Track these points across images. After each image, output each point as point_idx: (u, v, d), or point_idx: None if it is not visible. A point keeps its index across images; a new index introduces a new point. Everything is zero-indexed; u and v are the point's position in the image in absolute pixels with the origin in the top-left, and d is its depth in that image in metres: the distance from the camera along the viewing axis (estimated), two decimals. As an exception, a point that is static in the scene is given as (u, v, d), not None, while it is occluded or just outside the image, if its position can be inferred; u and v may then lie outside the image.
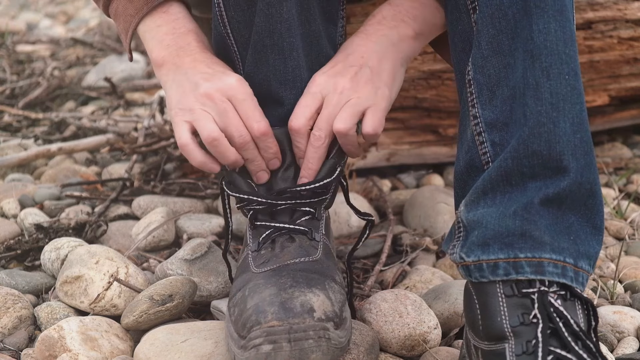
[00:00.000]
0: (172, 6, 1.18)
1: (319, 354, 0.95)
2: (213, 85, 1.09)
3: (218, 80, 1.09)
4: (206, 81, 1.10)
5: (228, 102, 1.09)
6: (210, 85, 1.09)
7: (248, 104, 1.09)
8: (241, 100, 1.09)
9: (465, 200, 1.01)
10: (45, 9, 4.65)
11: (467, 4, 1.04)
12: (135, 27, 1.17)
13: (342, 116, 1.11)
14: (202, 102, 1.09)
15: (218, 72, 1.11)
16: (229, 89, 1.09)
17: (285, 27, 1.09)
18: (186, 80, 1.12)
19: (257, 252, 1.11)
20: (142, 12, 1.16)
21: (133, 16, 1.17)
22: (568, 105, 0.96)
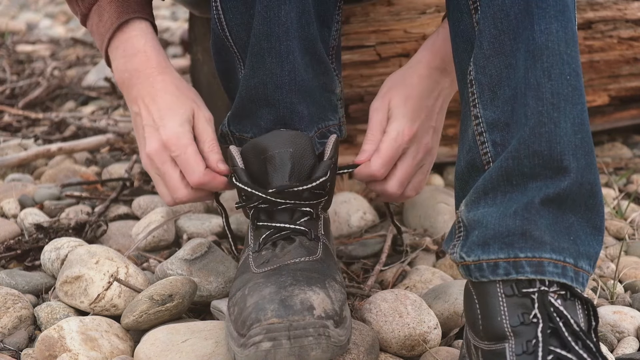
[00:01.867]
0: (129, 25, 1.17)
1: (319, 352, 0.95)
2: (153, 144, 1.15)
3: (156, 138, 1.15)
4: (149, 138, 1.16)
5: (165, 162, 1.16)
6: (151, 145, 1.15)
7: (183, 158, 1.15)
8: (177, 156, 1.15)
9: (466, 200, 1.01)
10: (45, 9, 4.65)
11: (469, 4, 1.04)
12: (106, 48, 1.19)
13: (417, 181, 1.23)
14: (149, 164, 1.18)
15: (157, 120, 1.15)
16: (165, 146, 1.15)
17: (282, 31, 1.10)
18: (139, 128, 1.18)
19: (257, 252, 1.11)
20: (110, 32, 1.17)
21: (103, 35, 1.19)
22: (569, 105, 0.96)
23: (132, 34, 1.16)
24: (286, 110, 1.15)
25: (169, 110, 1.15)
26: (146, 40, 1.17)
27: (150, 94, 1.15)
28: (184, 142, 1.15)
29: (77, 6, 1.21)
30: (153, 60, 1.17)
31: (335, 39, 1.22)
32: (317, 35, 1.15)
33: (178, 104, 1.16)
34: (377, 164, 1.17)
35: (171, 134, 1.14)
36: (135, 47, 1.16)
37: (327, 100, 1.22)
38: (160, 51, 1.19)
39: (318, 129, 1.20)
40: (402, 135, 1.18)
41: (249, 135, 1.19)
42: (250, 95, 1.15)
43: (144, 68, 1.16)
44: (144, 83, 1.15)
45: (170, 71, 1.19)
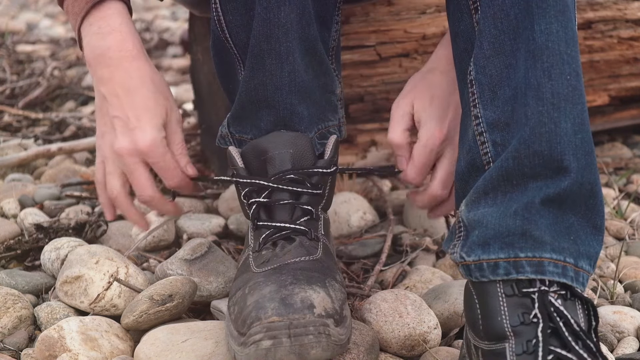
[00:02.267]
0: (104, 4, 1.15)
1: (319, 350, 0.95)
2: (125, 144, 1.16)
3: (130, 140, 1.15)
4: (122, 135, 1.15)
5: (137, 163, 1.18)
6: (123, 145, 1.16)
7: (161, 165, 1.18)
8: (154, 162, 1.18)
9: (466, 200, 1.01)
10: (45, 9, 4.65)
11: (469, 4, 1.04)
12: (79, 26, 1.17)
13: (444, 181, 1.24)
14: (115, 159, 1.19)
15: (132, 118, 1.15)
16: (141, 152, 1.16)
17: (282, 32, 1.10)
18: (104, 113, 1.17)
19: (257, 252, 1.11)
20: (84, 10, 1.16)
21: (77, 14, 1.17)
22: (569, 105, 0.96)
23: (108, 12, 1.15)
24: (286, 111, 1.15)
25: (146, 111, 1.15)
26: (122, 20, 1.15)
27: (125, 83, 1.13)
28: (161, 151, 1.17)
29: None
30: (129, 42, 1.15)
31: (335, 39, 1.22)
32: (318, 36, 1.15)
33: (154, 103, 1.16)
34: (412, 172, 1.21)
35: (149, 141, 1.15)
36: (111, 26, 1.14)
37: (327, 101, 1.22)
38: (135, 34, 1.17)
39: (318, 130, 1.20)
40: (434, 139, 1.19)
41: (249, 137, 1.18)
42: (250, 97, 1.15)
43: (118, 48, 1.13)
44: (118, 66, 1.13)
45: (145, 58, 1.18)
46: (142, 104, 1.14)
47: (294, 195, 1.13)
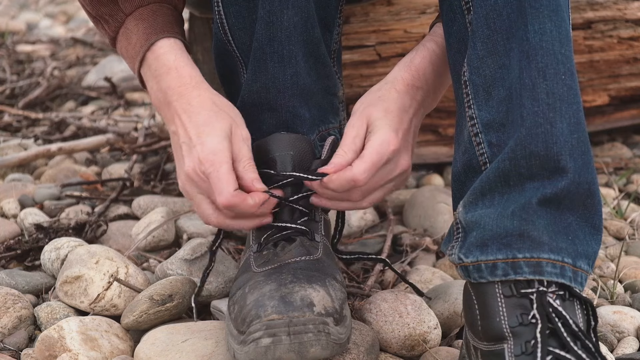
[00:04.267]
0: (157, 44, 1.12)
1: (318, 348, 0.95)
2: (190, 163, 1.06)
3: (194, 156, 1.06)
4: (187, 156, 1.07)
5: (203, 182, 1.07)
6: (189, 165, 1.06)
7: (215, 176, 1.04)
8: (210, 173, 1.05)
9: (464, 201, 1.01)
10: (45, 9, 4.65)
11: (462, 5, 1.04)
12: (139, 70, 1.14)
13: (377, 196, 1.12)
14: (189, 184, 1.09)
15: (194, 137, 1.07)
16: (200, 165, 1.05)
17: (285, 35, 1.10)
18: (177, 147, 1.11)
19: (258, 252, 1.11)
20: (140, 55, 1.13)
21: (134, 58, 1.14)
22: (565, 105, 0.96)
23: (161, 52, 1.11)
24: (288, 114, 1.15)
25: (207, 126, 1.07)
26: (176, 57, 1.11)
27: (187, 111, 1.08)
28: (219, 159, 1.04)
29: (104, 30, 1.17)
30: (186, 77, 1.10)
31: (336, 42, 1.22)
32: (321, 39, 1.16)
33: (216, 119, 1.08)
34: (361, 168, 1.06)
35: (208, 150, 1.05)
36: (166, 65, 1.11)
37: (329, 103, 1.22)
38: (192, 66, 1.13)
39: (319, 132, 1.21)
40: (388, 144, 1.07)
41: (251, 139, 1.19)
42: (252, 100, 1.15)
43: (177, 85, 1.10)
44: (180, 100, 1.09)
45: (205, 86, 1.12)
46: (203, 122, 1.07)
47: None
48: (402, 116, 1.11)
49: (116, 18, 1.15)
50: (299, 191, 1.13)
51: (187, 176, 1.08)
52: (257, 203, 1.06)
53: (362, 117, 1.10)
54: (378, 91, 1.13)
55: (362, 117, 1.10)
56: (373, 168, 1.07)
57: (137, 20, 1.13)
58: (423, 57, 1.13)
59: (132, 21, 1.13)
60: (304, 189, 1.13)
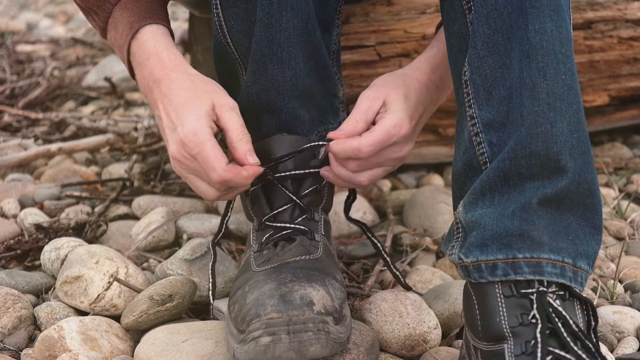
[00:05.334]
0: (140, 31, 1.13)
1: (318, 347, 0.95)
2: (173, 146, 1.08)
3: (176, 139, 1.07)
4: (170, 139, 1.09)
5: (191, 161, 1.08)
6: (172, 147, 1.08)
7: (202, 156, 1.05)
8: (196, 154, 1.06)
9: (464, 201, 1.01)
10: (45, 9, 4.65)
11: (463, 4, 1.04)
12: (127, 59, 1.16)
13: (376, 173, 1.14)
14: (177, 166, 1.10)
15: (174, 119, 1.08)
16: (184, 145, 1.06)
17: (284, 37, 1.10)
18: (162, 131, 1.12)
19: (259, 252, 1.12)
20: (126, 44, 1.14)
21: (122, 47, 1.16)
22: (565, 105, 0.96)
23: (144, 39, 1.13)
24: (288, 115, 1.16)
25: (185, 106, 1.08)
26: (156, 42, 1.13)
27: (167, 94, 1.10)
28: (201, 139, 1.05)
29: (95, 21, 1.19)
30: (165, 60, 1.12)
31: (335, 43, 1.23)
32: (321, 40, 1.16)
33: (194, 97, 1.09)
34: (368, 140, 1.08)
35: (188, 130, 1.05)
36: (148, 51, 1.13)
37: (329, 104, 1.23)
38: (171, 50, 1.14)
39: (318, 132, 1.21)
40: (401, 128, 1.10)
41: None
42: (252, 101, 1.15)
43: (157, 69, 1.11)
44: (160, 84, 1.11)
45: (184, 67, 1.13)
46: (182, 104, 1.08)
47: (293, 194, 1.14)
48: (418, 107, 1.15)
49: (104, 9, 1.16)
50: (302, 186, 1.15)
51: (174, 159, 1.10)
52: (251, 175, 1.07)
53: (380, 94, 1.13)
54: (402, 76, 1.16)
55: (380, 94, 1.13)
56: (379, 145, 1.09)
57: (123, 9, 1.15)
58: (443, 55, 1.15)
59: (118, 10, 1.15)
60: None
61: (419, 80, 1.15)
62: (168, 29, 1.16)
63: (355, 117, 1.11)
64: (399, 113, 1.11)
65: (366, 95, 1.14)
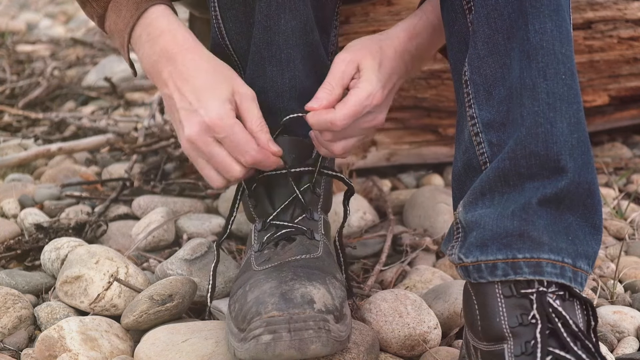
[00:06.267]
0: (148, 10, 1.12)
1: (319, 345, 0.95)
2: (193, 127, 1.07)
3: (195, 121, 1.06)
4: (187, 121, 1.07)
5: (210, 144, 1.07)
6: (191, 129, 1.07)
7: (232, 139, 1.06)
8: (224, 137, 1.06)
9: (464, 201, 1.01)
10: (45, 9, 4.65)
11: (463, 4, 1.04)
12: (128, 42, 1.13)
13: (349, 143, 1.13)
14: (191, 148, 1.09)
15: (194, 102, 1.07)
16: (208, 128, 1.06)
17: (283, 39, 1.10)
18: (173, 111, 1.10)
19: (259, 252, 1.12)
20: (130, 25, 1.12)
21: (123, 31, 1.13)
22: (565, 105, 0.96)
23: (153, 17, 1.11)
24: (287, 116, 1.16)
25: (206, 90, 1.07)
26: (169, 21, 1.11)
27: (183, 74, 1.08)
28: (229, 123, 1.06)
29: (93, 8, 1.16)
30: (180, 38, 1.10)
31: (333, 44, 1.23)
32: (319, 42, 1.16)
33: (215, 82, 1.08)
34: (342, 113, 1.07)
35: (214, 115, 1.05)
36: (159, 28, 1.10)
37: None
38: (185, 29, 1.12)
39: None
40: (373, 98, 1.09)
41: None
42: None
43: (171, 47, 1.09)
44: (174, 63, 1.09)
45: (200, 48, 1.11)
46: (202, 86, 1.07)
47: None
48: (391, 75, 1.13)
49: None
50: (299, 184, 1.16)
51: (190, 142, 1.08)
52: (277, 161, 1.11)
53: (355, 58, 1.11)
54: (379, 42, 1.14)
55: (355, 57, 1.11)
56: (353, 116, 1.08)
57: None
58: (424, 26, 1.15)
59: None
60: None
61: (395, 49, 1.14)
62: (175, 10, 1.15)
63: (331, 83, 1.10)
64: (372, 81, 1.10)
65: (341, 58, 1.11)
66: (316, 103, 1.08)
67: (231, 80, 1.09)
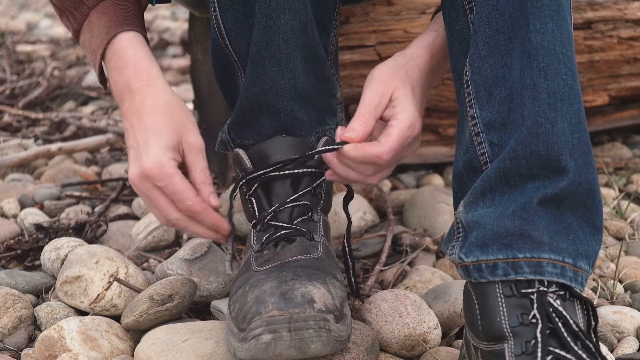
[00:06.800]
0: (117, 37, 1.12)
1: (319, 344, 0.95)
2: (135, 171, 1.09)
3: (138, 166, 1.08)
4: (132, 163, 1.10)
5: (151, 189, 1.09)
6: (133, 172, 1.09)
7: (171, 188, 1.08)
8: (163, 186, 1.08)
9: (464, 200, 1.01)
10: (45, 9, 4.65)
11: (464, 5, 1.04)
12: (100, 62, 1.15)
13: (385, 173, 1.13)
14: (135, 187, 1.11)
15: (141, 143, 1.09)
16: (147, 176, 1.08)
17: (282, 39, 1.10)
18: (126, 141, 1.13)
19: (259, 252, 1.12)
20: (101, 48, 1.13)
21: (96, 51, 1.15)
22: (566, 105, 0.96)
23: (121, 46, 1.12)
24: (287, 117, 1.16)
25: (153, 134, 1.09)
26: (135, 50, 1.12)
27: (139, 111, 1.10)
28: (167, 172, 1.07)
29: (69, 22, 1.18)
30: (143, 72, 1.11)
31: (333, 44, 1.23)
32: (319, 42, 1.16)
33: (164, 127, 1.09)
34: (388, 147, 1.06)
35: (153, 163, 1.07)
36: (125, 59, 1.11)
37: (327, 105, 1.23)
38: (150, 60, 1.13)
39: (316, 133, 1.21)
40: (414, 127, 1.09)
41: (250, 142, 1.19)
42: (251, 104, 1.16)
43: (134, 81, 1.11)
44: (133, 98, 1.10)
45: (162, 84, 1.12)
46: (151, 128, 1.09)
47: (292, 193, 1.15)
48: (422, 98, 1.14)
49: (80, 11, 1.15)
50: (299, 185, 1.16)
51: (132, 182, 1.10)
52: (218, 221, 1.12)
53: (387, 89, 1.10)
54: (404, 66, 1.13)
55: (387, 89, 1.10)
56: (399, 148, 1.08)
57: (100, 13, 1.13)
58: (442, 42, 1.14)
59: (95, 14, 1.14)
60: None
61: (420, 70, 1.13)
62: (144, 37, 1.15)
63: (365, 115, 1.08)
64: (410, 111, 1.09)
65: (374, 90, 1.10)
66: (353, 134, 1.06)
67: (182, 127, 1.11)
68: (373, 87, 1.10)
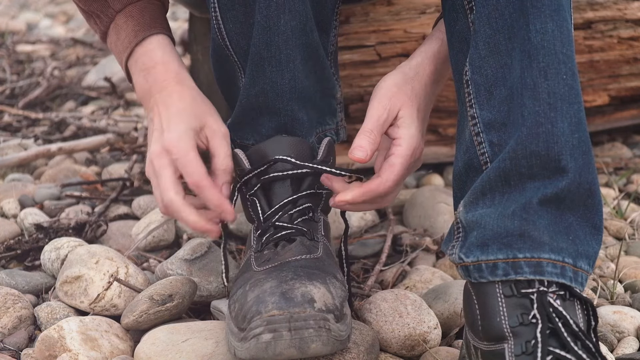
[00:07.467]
0: (146, 40, 1.16)
1: (319, 344, 0.95)
2: (155, 148, 1.10)
3: (159, 142, 1.10)
4: (154, 142, 1.11)
5: (164, 166, 1.09)
6: (154, 148, 1.10)
7: (183, 161, 1.08)
8: (177, 159, 1.09)
9: (464, 200, 1.01)
10: (45, 9, 4.65)
11: (464, 4, 1.04)
12: (126, 62, 1.18)
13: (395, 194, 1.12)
14: (149, 167, 1.11)
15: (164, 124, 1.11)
16: (167, 150, 1.09)
17: (282, 40, 1.10)
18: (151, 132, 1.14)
19: (259, 252, 1.12)
20: (127, 51, 1.17)
21: (122, 53, 1.18)
22: (566, 105, 0.96)
23: (150, 47, 1.16)
24: (287, 117, 1.16)
25: (177, 116, 1.11)
26: (164, 52, 1.16)
27: (166, 102, 1.13)
28: (185, 147, 1.08)
29: (96, 25, 1.21)
30: (171, 72, 1.15)
31: (333, 44, 1.23)
32: (319, 42, 1.16)
33: (188, 111, 1.12)
34: (391, 182, 1.07)
35: (173, 138, 1.09)
36: (154, 60, 1.15)
37: (327, 105, 1.23)
38: (179, 62, 1.17)
39: (316, 134, 1.21)
40: (416, 150, 1.10)
41: (250, 142, 1.19)
42: (251, 104, 1.16)
43: (162, 79, 1.14)
44: (162, 92, 1.14)
45: (189, 83, 1.16)
46: (176, 112, 1.12)
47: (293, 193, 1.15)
48: (426, 116, 1.14)
49: (107, 14, 1.18)
50: (301, 186, 1.15)
51: (149, 160, 1.11)
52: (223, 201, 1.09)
53: (395, 106, 1.10)
54: (411, 81, 1.12)
55: (394, 105, 1.10)
56: (403, 178, 1.09)
57: (127, 17, 1.17)
58: (446, 51, 1.13)
59: (121, 18, 1.17)
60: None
61: (425, 84, 1.13)
62: (172, 39, 1.19)
63: (372, 130, 1.08)
64: (414, 137, 1.09)
65: (382, 105, 1.09)
66: (362, 154, 1.06)
67: (206, 114, 1.14)
68: (382, 101, 1.10)
